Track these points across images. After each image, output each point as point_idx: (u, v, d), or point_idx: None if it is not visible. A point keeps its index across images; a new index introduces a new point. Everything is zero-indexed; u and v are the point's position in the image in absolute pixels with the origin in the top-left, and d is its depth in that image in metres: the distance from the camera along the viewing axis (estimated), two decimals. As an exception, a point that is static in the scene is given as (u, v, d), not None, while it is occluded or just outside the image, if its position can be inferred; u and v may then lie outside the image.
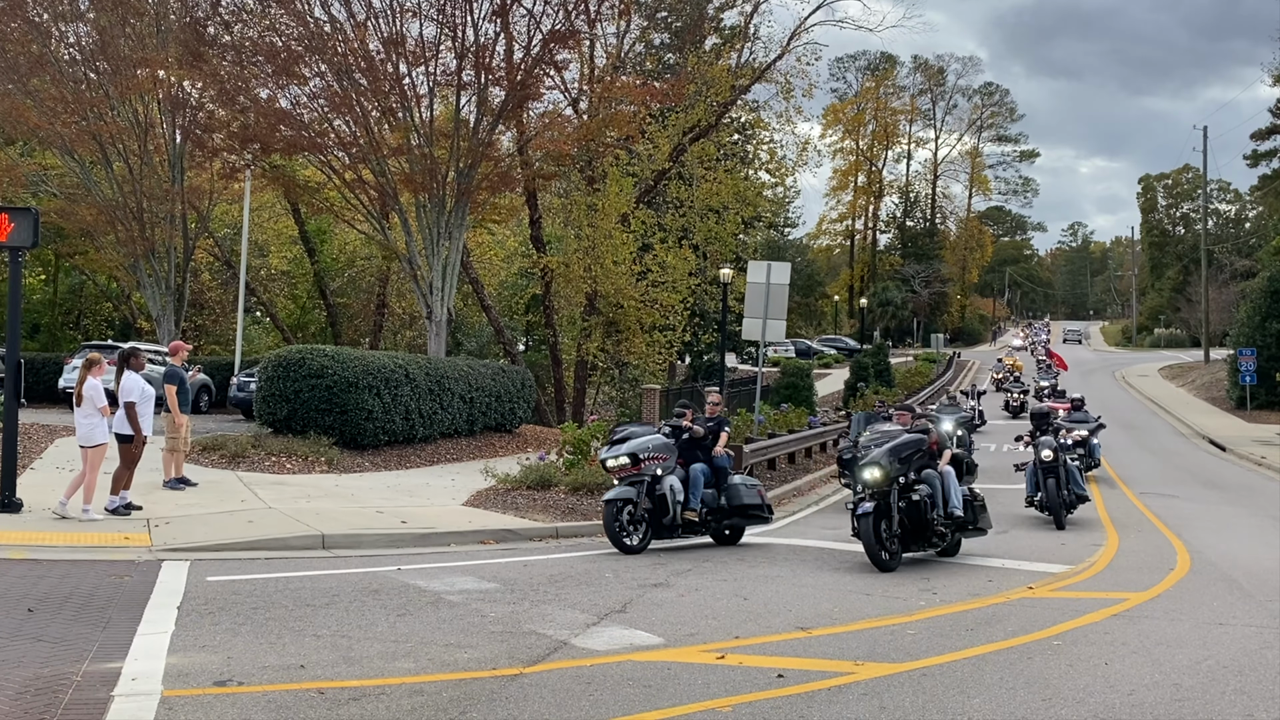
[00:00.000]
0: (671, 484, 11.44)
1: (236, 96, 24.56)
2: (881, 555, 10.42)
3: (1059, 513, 14.75)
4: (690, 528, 11.79)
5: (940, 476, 11.06)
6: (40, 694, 5.67)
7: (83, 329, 39.02)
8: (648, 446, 11.48)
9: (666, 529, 11.48)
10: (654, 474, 11.40)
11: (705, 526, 11.97)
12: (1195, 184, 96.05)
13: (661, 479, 11.44)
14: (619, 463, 11.41)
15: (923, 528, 10.80)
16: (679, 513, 11.44)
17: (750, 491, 12.37)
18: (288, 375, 17.98)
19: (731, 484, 12.24)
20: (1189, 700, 6.27)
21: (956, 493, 11.10)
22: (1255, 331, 40.96)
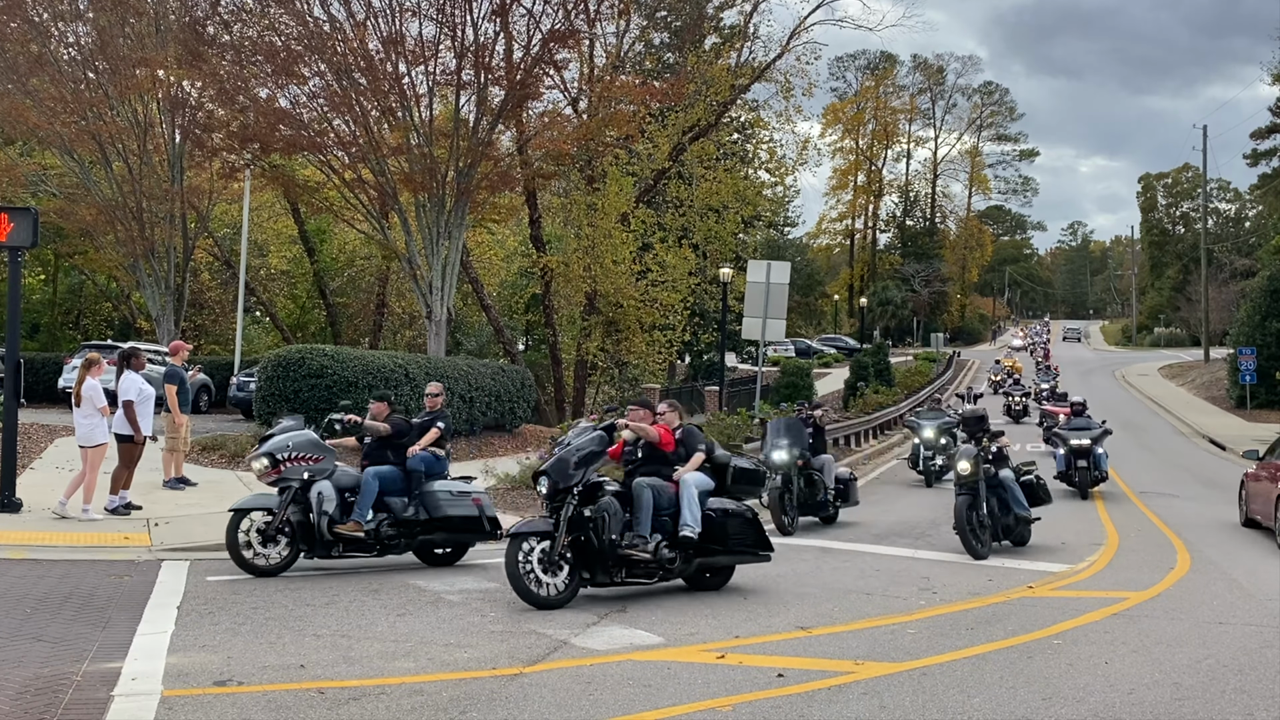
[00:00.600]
0: (321, 491, 9.43)
1: (236, 96, 24.55)
2: None
3: (969, 540, 11.41)
4: (356, 544, 9.60)
5: (681, 485, 8.96)
6: (40, 694, 5.67)
7: (82, 329, 39.01)
8: (287, 445, 9.55)
9: (321, 545, 9.44)
10: (301, 478, 9.46)
11: (383, 543, 9.71)
12: (1195, 183, 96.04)
13: (312, 484, 9.48)
14: (260, 465, 9.56)
15: None
16: (325, 525, 9.36)
17: (458, 501, 10.04)
18: (287, 375, 17.98)
19: (429, 490, 9.97)
20: (1189, 699, 6.27)
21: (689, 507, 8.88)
22: (1255, 330, 40.97)
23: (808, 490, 14.04)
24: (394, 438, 10.15)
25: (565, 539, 8.27)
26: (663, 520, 8.76)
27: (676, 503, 8.90)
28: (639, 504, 8.64)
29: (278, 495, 9.44)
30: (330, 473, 9.66)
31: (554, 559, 8.22)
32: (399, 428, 10.27)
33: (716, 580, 9.43)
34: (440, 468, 10.32)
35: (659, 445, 9.09)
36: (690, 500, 8.85)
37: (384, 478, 9.85)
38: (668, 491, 8.91)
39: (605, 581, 8.50)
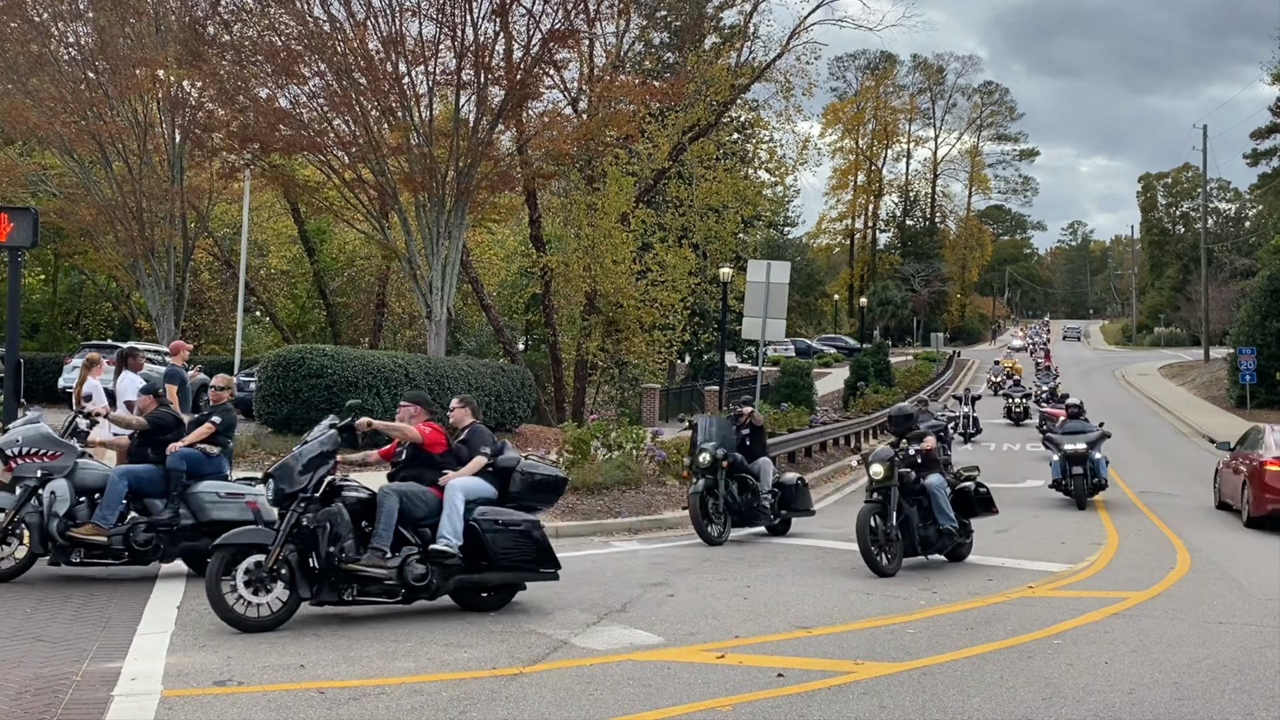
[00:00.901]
0: (54, 490, 8.53)
1: (236, 96, 24.56)
2: None
3: (869, 553, 10.05)
4: (99, 549, 8.61)
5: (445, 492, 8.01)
6: (40, 694, 5.67)
7: (82, 329, 39.02)
8: (17, 440, 8.72)
9: (57, 550, 8.53)
10: (36, 476, 8.63)
11: (135, 548, 8.67)
12: (1195, 183, 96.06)
13: (47, 482, 8.61)
14: None
15: None
16: (57, 527, 8.44)
17: (227, 504, 8.96)
18: (287, 375, 17.99)
19: (193, 492, 8.90)
20: (1189, 699, 6.27)
21: None
22: (1255, 330, 40.95)
23: (742, 497, 12.69)
24: (154, 433, 9.18)
25: (282, 551, 7.25)
26: (423, 531, 7.79)
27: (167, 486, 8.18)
28: (379, 512, 7.59)
29: (15, 494, 8.64)
30: (69, 470, 8.72)
31: (263, 575, 7.19)
32: (161, 422, 9.30)
33: (495, 600, 8.23)
34: (212, 467, 9.20)
35: (422, 446, 8.23)
36: (452, 510, 7.81)
37: (139, 477, 8.90)
38: (428, 498, 7.91)
39: (333, 600, 7.43)
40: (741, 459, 12.95)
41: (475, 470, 8.25)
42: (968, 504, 11.27)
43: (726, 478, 12.52)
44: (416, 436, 8.20)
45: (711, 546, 12.00)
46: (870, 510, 10.30)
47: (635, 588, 9.23)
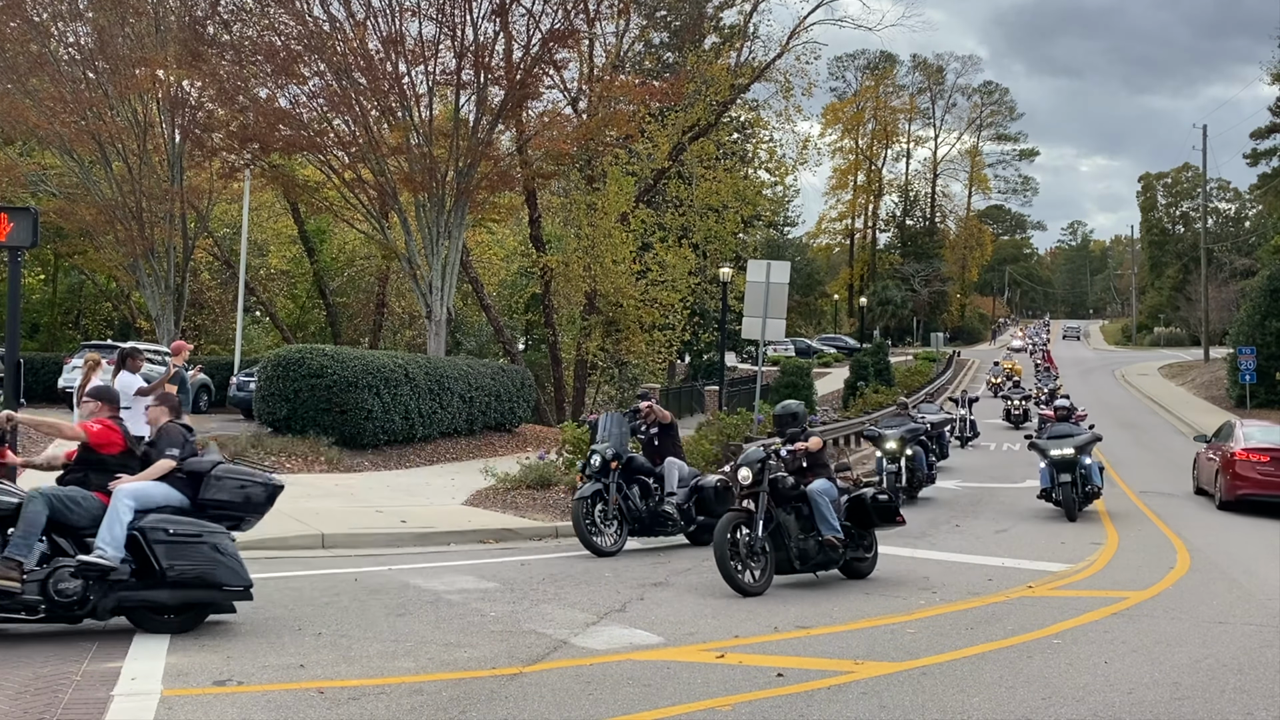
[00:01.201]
0: None
1: (236, 96, 24.55)
2: None
3: (727, 567, 8.83)
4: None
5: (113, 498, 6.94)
6: (40, 693, 5.67)
7: (82, 329, 39.00)
8: None
9: None
10: None
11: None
12: (1195, 183, 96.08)
13: None
14: None
15: None
16: None
17: None
18: (287, 375, 17.98)
19: None
20: (1189, 699, 6.27)
21: None
22: (1255, 330, 40.96)
23: (644, 503, 11.52)
24: None
25: None
26: (87, 542, 6.86)
27: None
28: (20, 518, 6.63)
29: None
30: None
31: None
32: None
33: (179, 623, 7.07)
34: None
35: (90, 445, 7.21)
36: (114, 518, 6.82)
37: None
38: (90, 505, 6.93)
39: None
40: (642, 460, 11.83)
41: (157, 475, 7.18)
42: (863, 514, 10.03)
43: (622, 481, 11.37)
44: (78, 435, 7.19)
45: (602, 558, 10.78)
46: (732, 520, 9.09)
47: (635, 588, 9.23)
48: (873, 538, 10.24)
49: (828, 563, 9.72)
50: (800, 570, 9.55)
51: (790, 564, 9.41)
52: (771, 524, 9.29)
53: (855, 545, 9.99)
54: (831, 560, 9.69)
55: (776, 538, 9.30)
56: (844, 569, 10.09)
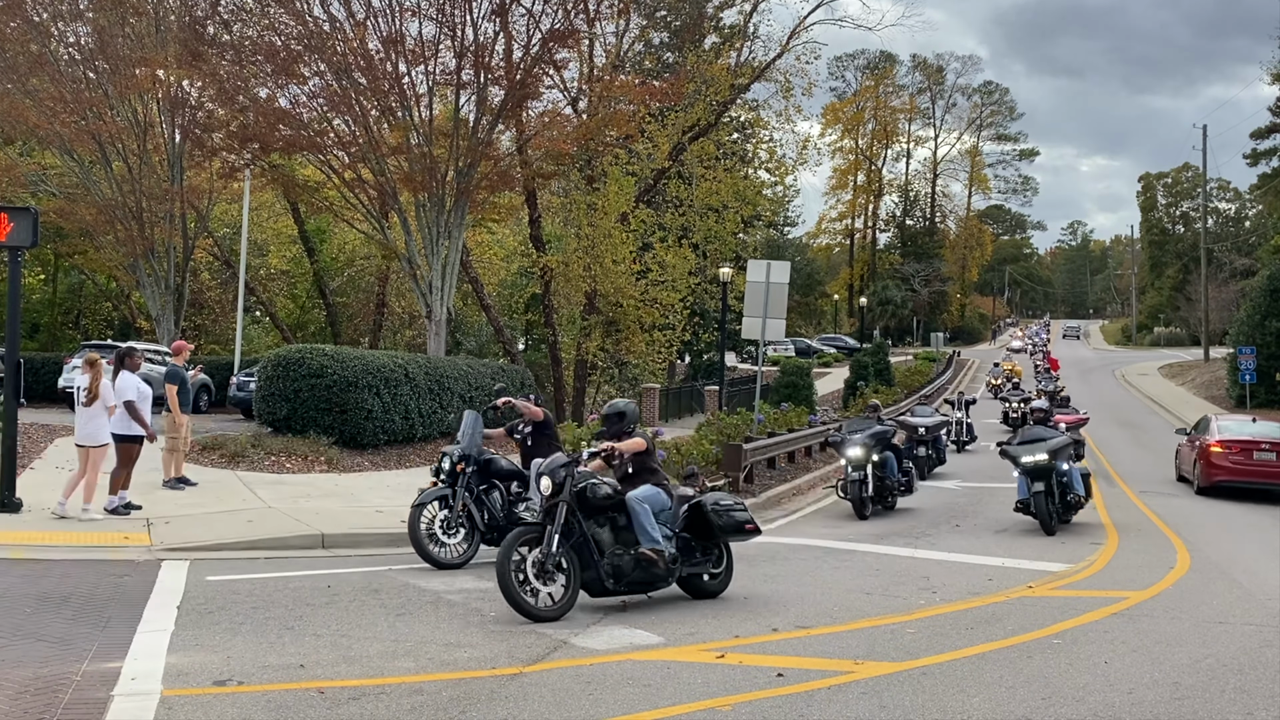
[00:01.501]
0: None
1: (236, 96, 24.55)
2: None
3: (519, 599, 7.78)
4: None
5: None
6: (40, 694, 5.67)
7: (82, 329, 39.01)
8: None
9: None
10: None
11: None
12: (1195, 182, 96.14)
13: None
14: None
15: None
16: None
17: None
18: (287, 375, 17.97)
19: None
20: (1189, 699, 6.27)
21: None
22: (1255, 330, 40.97)
23: (504, 509, 10.53)
24: None
25: None
26: None
27: None
28: None
29: None
30: None
31: None
32: None
33: None
34: None
35: None
36: None
37: None
38: None
39: None
40: (505, 464, 10.87)
41: None
42: (704, 524, 8.89)
43: (475, 485, 10.34)
44: None
45: (442, 571, 9.72)
46: (518, 536, 7.94)
47: (635, 587, 9.22)
48: (723, 551, 9.18)
49: (649, 580, 8.44)
50: (616, 590, 8.24)
51: (601, 582, 8.15)
52: (574, 537, 8.08)
53: (694, 559, 8.86)
54: (655, 577, 8.45)
55: (583, 553, 8.10)
56: (685, 587, 8.99)
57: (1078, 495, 14.19)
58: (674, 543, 8.69)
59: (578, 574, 8.03)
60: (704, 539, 8.96)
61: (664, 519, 8.72)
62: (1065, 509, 14.10)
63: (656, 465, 9.06)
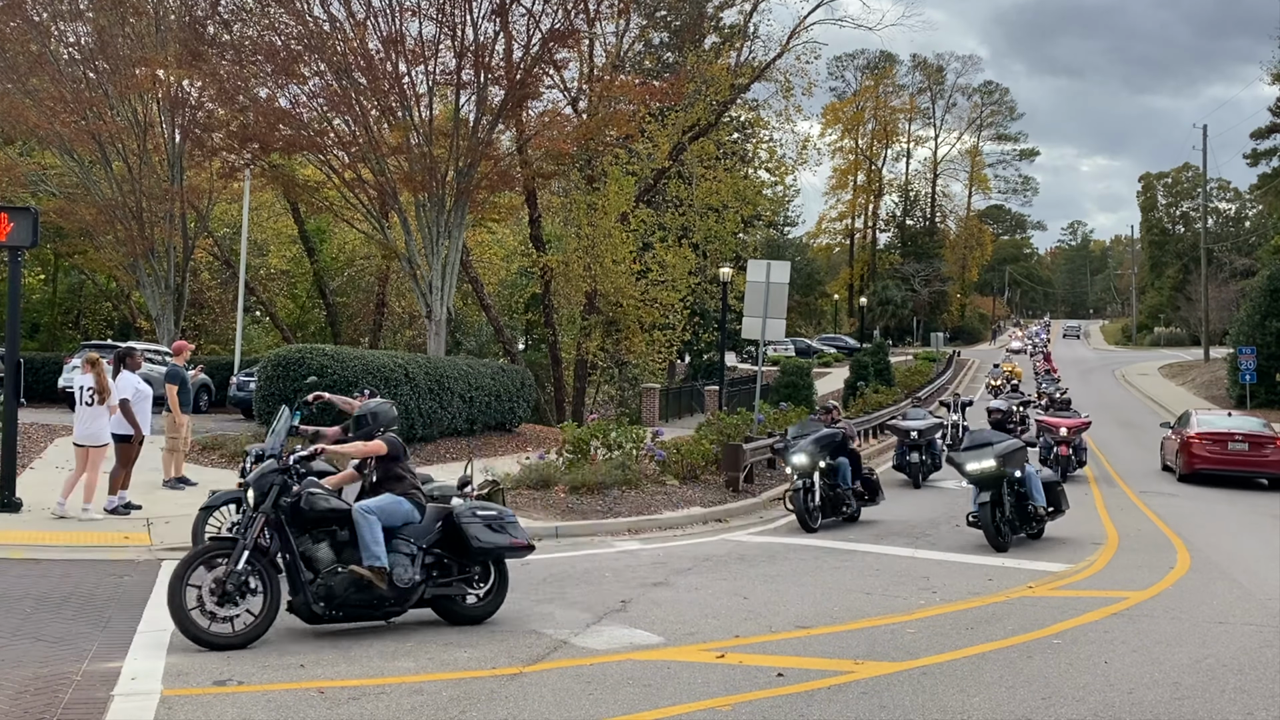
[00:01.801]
0: None
1: (236, 96, 24.54)
2: None
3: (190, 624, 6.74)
4: None
5: None
6: (40, 693, 5.67)
7: (82, 328, 39.01)
8: None
9: None
10: None
11: None
12: (1195, 182, 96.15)
13: None
14: None
15: None
16: None
17: None
18: (287, 374, 17.97)
19: None
20: (1189, 699, 6.27)
21: None
22: (1255, 330, 40.98)
23: None
24: None
25: None
26: None
27: None
28: None
29: None
30: None
31: None
32: None
33: None
34: None
35: None
36: None
37: None
38: None
39: None
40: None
41: None
42: (459, 540, 7.65)
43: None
44: None
45: None
46: (205, 553, 7.01)
47: (635, 588, 9.23)
48: (493, 571, 7.90)
49: (370, 603, 7.24)
50: (331, 616, 7.15)
51: (309, 606, 7.07)
52: (271, 553, 7.12)
53: (446, 579, 7.64)
54: (378, 599, 7.25)
55: (292, 574, 7.10)
56: (438, 610, 7.68)
57: (1037, 506, 12.61)
58: (418, 561, 7.47)
59: (274, 596, 6.94)
60: (462, 556, 7.71)
61: (411, 533, 7.54)
62: (1024, 520, 12.57)
63: (405, 472, 7.81)
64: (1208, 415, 24.13)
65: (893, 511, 16.00)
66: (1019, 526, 12.50)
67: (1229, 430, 21.88)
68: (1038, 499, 12.65)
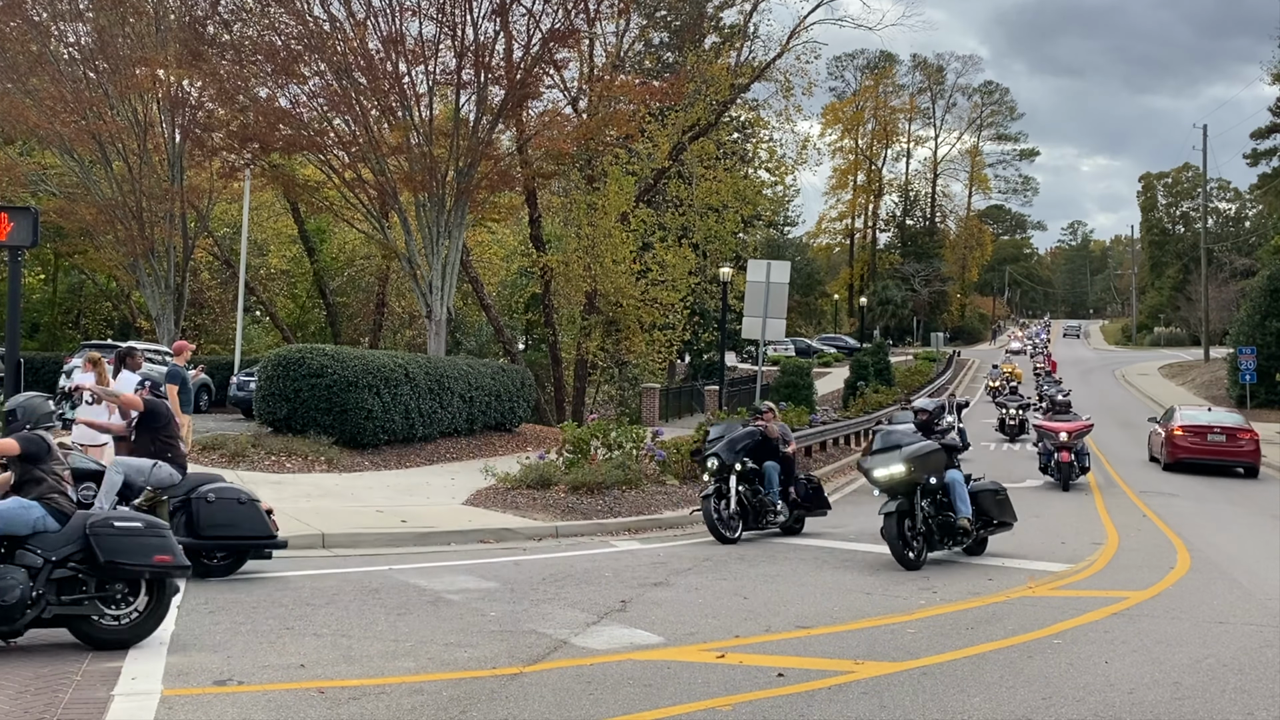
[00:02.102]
0: None
1: (236, 95, 24.55)
2: None
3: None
4: None
5: None
6: (40, 693, 5.67)
7: (82, 328, 39.02)
8: None
9: None
10: None
11: None
12: (1196, 182, 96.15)
13: None
14: None
15: None
16: None
17: None
18: (287, 374, 17.97)
19: None
20: (1189, 699, 6.27)
21: None
22: (1255, 330, 41.02)
23: None
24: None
25: None
26: None
27: None
28: None
29: None
30: None
31: None
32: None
33: None
34: None
35: None
36: None
37: None
38: None
39: None
40: None
41: None
42: (91, 555, 6.66)
43: None
44: None
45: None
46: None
47: (635, 588, 9.23)
48: (144, 591, 6.86)
49: None
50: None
51: None
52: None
53: (78, 595, 6.67)
54: None
55: None
56: (74, 632, 6.74)
57: (958, 518, 11.00)
58: (42, 575, 6.53)
59: None
60: (101, 574, 6.72)
61: (42, 543, 6.64)
62: (944, 534, 11.02)
63: (46, 475, 6.91)
64: (1189, 410, 25.93)
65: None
66: (939, 541, 11.02)
67: (1208, 424, 23.92)
68: (961, 510, 11.01)
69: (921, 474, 10.78)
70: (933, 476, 10.94)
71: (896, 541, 10.58)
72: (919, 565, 10.66)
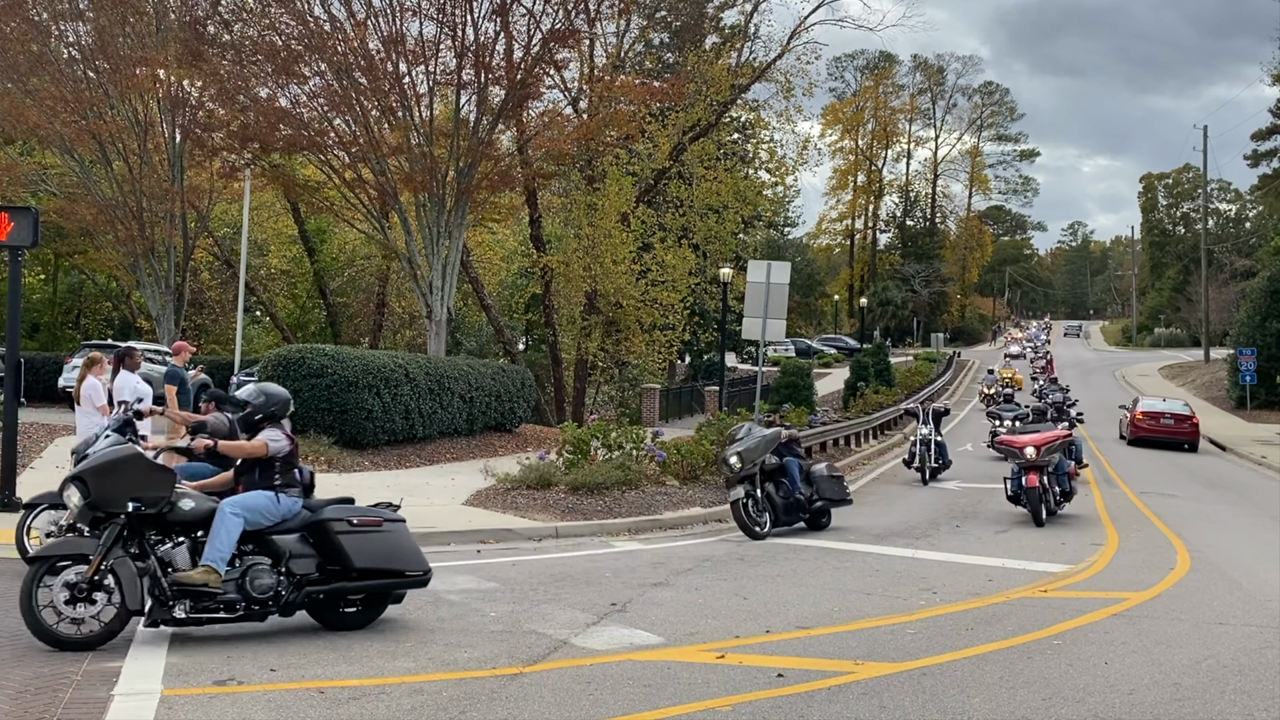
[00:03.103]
0: None
1: (236, 95, 24.55)
2: None
3: None
4: None
5: None
6: (40, 693, 5.67)
7: (82, 328, 39.05)
8: None
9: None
10: None
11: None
12: (1196, 183, 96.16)
13: None
14: None
15: None
16: None
17: None
18: (287, 374, 17.96)
19: None
20: (1189, 700, 6.27)
21: None
22: (1255, 331, 41.01)
23: None
24: None
25: None
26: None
27: None
28: None
29: None
30: None
31: None
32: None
33: None
34: None
35: None
36: None
37: None
38: None
39: None
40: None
41: None
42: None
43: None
44: None
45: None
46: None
47: (635, 588, 9.23)
48: None
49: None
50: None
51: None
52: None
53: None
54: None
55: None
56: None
57: (796, 495, 12.98)
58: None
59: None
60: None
61: None
62: (791, 510, 13.05)
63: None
64: (1148, 399, 33.74)
65: (892, 512, 16.01)
66: (782, 518, 13.05)
67: (1162, 410, 31.01)
68: (795, 489, 13.11)
69: (754, 460, 12.74)
70: (766, 459, 12.97)
71: (742, 518, 12.61)
72: (763, 537, 12.60)
